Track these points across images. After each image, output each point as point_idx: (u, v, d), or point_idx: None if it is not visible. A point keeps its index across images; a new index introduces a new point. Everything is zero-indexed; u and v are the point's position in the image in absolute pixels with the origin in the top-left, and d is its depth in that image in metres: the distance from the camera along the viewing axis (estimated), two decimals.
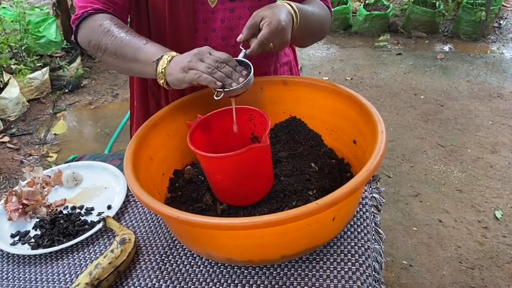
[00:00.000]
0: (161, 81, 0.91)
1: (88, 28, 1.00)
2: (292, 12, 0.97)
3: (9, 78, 3.30)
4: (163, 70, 0.89)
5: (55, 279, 0.93)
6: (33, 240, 1.02)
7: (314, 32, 1.13)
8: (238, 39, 0.93)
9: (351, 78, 3.67)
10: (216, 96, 0.84)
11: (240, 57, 0.91)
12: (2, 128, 3.17)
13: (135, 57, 0.94)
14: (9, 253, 1.01)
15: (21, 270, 0.97)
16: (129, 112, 3.01)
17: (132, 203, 1.11)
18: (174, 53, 0.91)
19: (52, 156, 2.94)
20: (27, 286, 0.92)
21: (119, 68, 1.03)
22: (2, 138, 3.09)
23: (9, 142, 3.07)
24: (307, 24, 1.04)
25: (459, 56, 3.92)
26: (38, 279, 0.93)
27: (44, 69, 3.57)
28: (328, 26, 1.16)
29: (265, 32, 0.89)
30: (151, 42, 0.96)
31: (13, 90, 3.28)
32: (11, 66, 3.38)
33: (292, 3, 0.99)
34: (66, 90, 3.72)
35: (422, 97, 3.32)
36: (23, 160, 2.90)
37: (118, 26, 0.99)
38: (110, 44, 0.96)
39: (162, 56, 0.90)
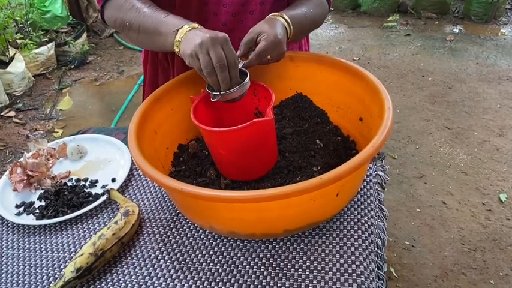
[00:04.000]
0: (176, 50, 0.90)
1: (112, 8, 1.02)
2: (286, 24, 0.99)
3: (15, 53, 3.29)
4: (180, 39, 0.88)
5: (59, 249, 0.94)
6: (37, 210, 1.02)
7: (306, 31, 1.14)
8: (236, 55, 0.94)
9: (359, 59, 3.62)
10: (212, 99, 0.89)
11: (239, 66, 0.93)
12: (8, 102, 3.17)
13: (157, 31, 0.94)
14: (14, 223, 1.02)
15: (26, 239, 0.98)
16: (134, 89, 2.99)
17: (137, 176, 1.11)
18: (195, 25, 0.89)
19: (58, 132, 2.95)
20: (32, 255, 0.93)
21: (142, 43, 1.04)
22: (8, 112, 3.10)
23: (15, 117, 3.07)
24: (300, 29, 1.05)
25: (469, 37, 3.86)
26: (42, 249, 0.94)
27: (49, 45, 3.55)
28: (323, 19, 1.16)
29: (263, 44, 0.91)
30: (172, 15, 0.95)
31: (19, 65, 3.27)
32: (17, 40, 3.36)
33: (285, 15, 1.00)
34: (72, 66, 3.70)
35: (430, 79, 3.28)
36: (29, 135, 2.91)
37: (140, 1, 0.99)
38: (134, 20, 0.97)
39: (183, 26, 0.89)
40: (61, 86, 3.47)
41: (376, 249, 0.86)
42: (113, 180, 1.09)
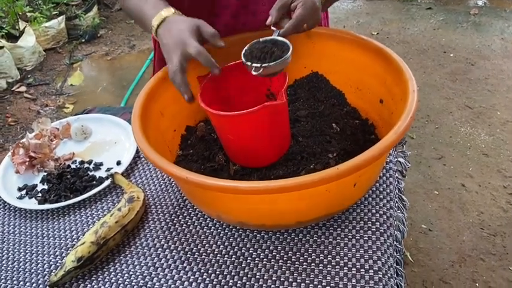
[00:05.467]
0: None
1: None
2: None
3: (25, 27, 3.23)
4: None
5: (61, 236, 0.90)
6: (40, 194, 0.99)
7: (332, 1, 1.06)
8: (267, 22, 0.86)
9: (377, 33, 3.49)
10: (253, 71, 0.79)
11: (275, 36, 0.84)
12: (19, 77, 3.14)
13: (143, 23, 0.91)
14: (16, 207, 0.98)
15: (28, 225, 0.94)
16: (145, 64, 2.93)
17: (143, 159, 1.06)
18: (162, 17, 0.85)
19: (68, 107, 2.91)
20: (34, 241, 0.90)
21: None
22: (19, 88, 3.07)
23: (26, 92, 3.05)
24: None
25: (494, 11, 3.68)
26: (44, 235, 0.91)
27: (60, 18, 3.49)
28: None
29: (301, 13, 0.83)
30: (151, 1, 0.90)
31: (29, 39, 3.22)
32: (27, 14, 3.31)
33: None
34: (83, 40, 3.65)
35: (451, 55, 3.14)
36: (40, 110, 2.88)
37: None
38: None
39: (151, 27, 0.86)
40: (72, 60, 3.42)
41: (395, 242, 0.80)
42: (118, 163, 1.05)
